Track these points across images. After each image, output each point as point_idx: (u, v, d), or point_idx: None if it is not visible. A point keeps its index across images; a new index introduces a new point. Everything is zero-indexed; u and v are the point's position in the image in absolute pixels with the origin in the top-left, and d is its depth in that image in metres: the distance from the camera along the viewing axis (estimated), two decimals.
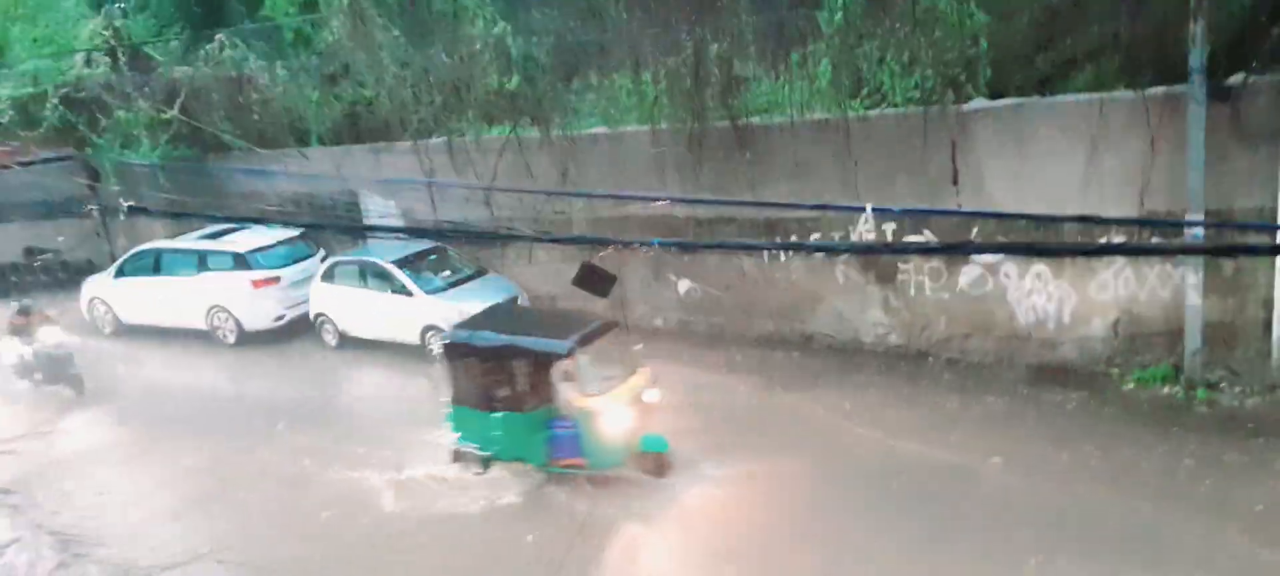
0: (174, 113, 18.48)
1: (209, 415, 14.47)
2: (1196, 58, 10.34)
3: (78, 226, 22.48)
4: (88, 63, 19.53)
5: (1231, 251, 11.09)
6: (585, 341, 10.67)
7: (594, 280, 10.45)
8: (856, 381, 12.81)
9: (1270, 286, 11.03)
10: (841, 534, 9.40)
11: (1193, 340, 11.28)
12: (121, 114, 18.85)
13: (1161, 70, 11.04)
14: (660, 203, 13.83)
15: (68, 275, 21.99)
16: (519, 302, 15.70)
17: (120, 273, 18.21)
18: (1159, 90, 10.93)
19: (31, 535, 11.32)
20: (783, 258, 14.14)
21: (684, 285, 15.24)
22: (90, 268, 20.77)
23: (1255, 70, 10.52)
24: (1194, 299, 11.15)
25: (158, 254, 17.90)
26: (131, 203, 13.92)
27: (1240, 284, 11.24)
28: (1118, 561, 8.47)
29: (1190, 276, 11.12)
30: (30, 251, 23.64)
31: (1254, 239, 10.92)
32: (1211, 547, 8.54)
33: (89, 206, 20.93)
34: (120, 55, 19.17)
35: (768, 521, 9.80)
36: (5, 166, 20.88)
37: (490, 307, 12.92)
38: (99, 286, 18.65)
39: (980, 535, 9.06)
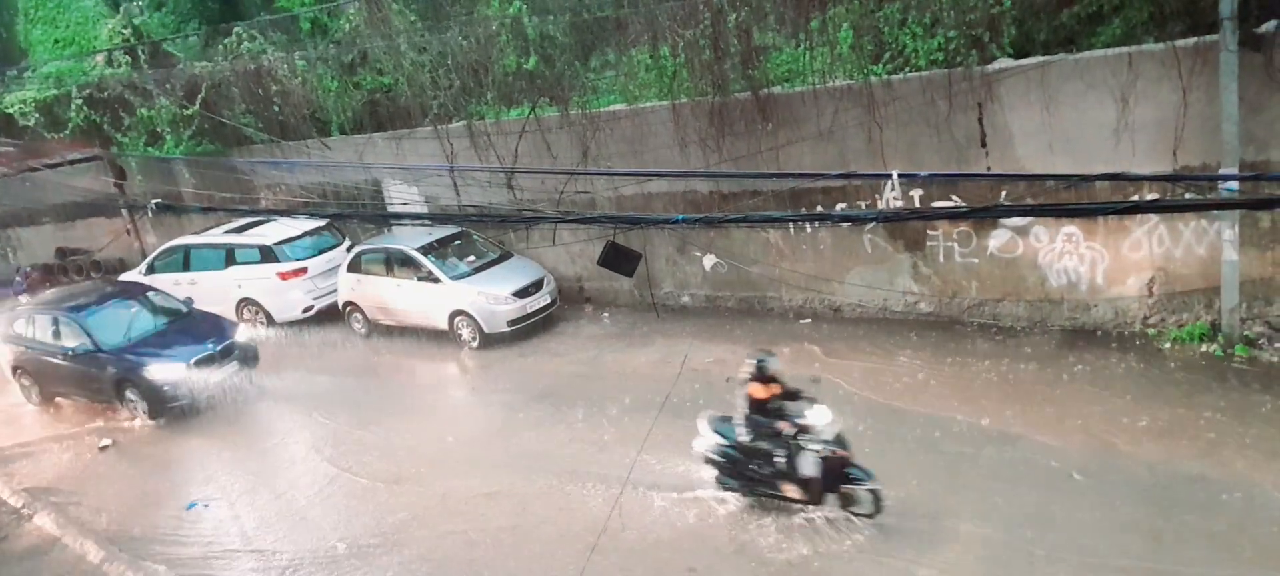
0: (195, 108, 18.62)
1: None
2: (1227, 5, 10.07)
3: (108, 225, 22.80)
4: (109, 62, 19.73)
5: (1268, 204, 10.79)
6: None
7: (619, 259, 10.46)
8: (887, 351, 12.69)
9: None
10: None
11: (1230, 296, 11.07)
12: (144, 111, 19.04)
13: (1191, 20, 10.78)
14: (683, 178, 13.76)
15: (100, 274, 22.34)
16: (544, 285, 15.72)
17: (151, 270, 18.42)
18: (1189, 41, 10.65)
19: None
20: (809, 229, 14.02)
21: (710, 260, 15.18)
22: (122, 266, 21.05)
23: None
24: (1230, 254, 10.93)
25: (187, 249, 18.09)
26: (159, 200, 14.10)
27: (1278, 237, 10.99)
28: (1164, 517, 8.38)
29: (1226, 231, 10.89)
30: (62, 252, 24.03)
31: None
32: (1253, 500, 8.45)
33: (118, 205, 21.22)
34: (140, 53, 19.33)
35: None
36: (34, 169, 21.19)
37: None
38: None
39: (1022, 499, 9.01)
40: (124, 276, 19.25)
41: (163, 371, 14.09)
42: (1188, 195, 11.23)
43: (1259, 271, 11.13)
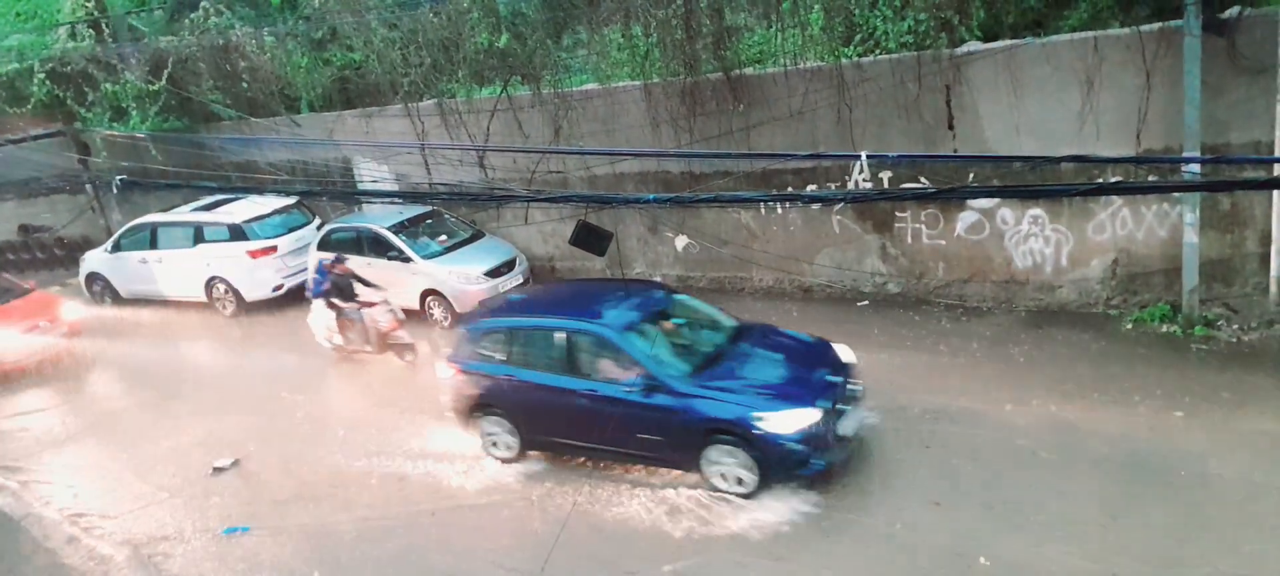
0: (161, 84, 18.35)
1: None
2: None
3: (72, 202, 22.46)
4: (72, 35, 19.37)
5: (1228, 186, 11.04)
6: None
7: (590, 238, 10.47)
8: (856, 330, 12.80)
9: (1268, 221, 10.99)
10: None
11: (1190, 277, 11.29)
12: (109, 86, 18.73)
13: (1156, 4, 10.94)
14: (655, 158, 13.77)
15: (64, 251, 22.04)
16: (517, 265, 15.69)
17: (117, 247, 18.19)
18: (1153, 26, 10.81)
19: None
20: (779, 209, 14.11)
21: (682, 241, 15.23)
22: (86, 243, 20.73)
23: (1250, 2, 10.42)
24: (1191, 236, 11.13)
25: (154, 227, 17.86)
26: (123, 176, 13.88)
27: (1237, 219, 11.22)
28: (1122, 492, 8.58)
29: (1187, 214, 11.09)
30: (25, 228, 23.65)
31: (1250, 173, 10.93)
32: (1206, 475, 8.68)
33: (82, 181, 20.91)
34: (105, 27, 18.99)
35: None
36: None
37: None
38: (96, 261, 18.63)
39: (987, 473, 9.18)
40: (88, 254, 19.00)
41: (787, 419, 9.01)
42: (1150, 178, 11.41)
43: (1218, 253, 11.35)
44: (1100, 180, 11.28)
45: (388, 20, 16.53)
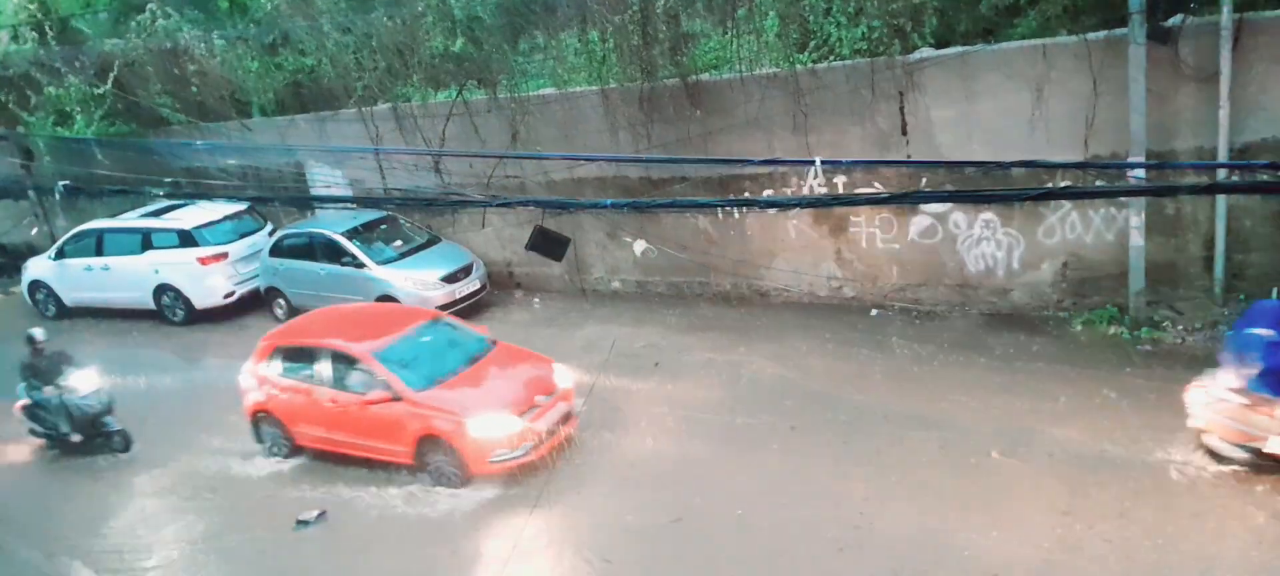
0: (107, 87, 17.94)
1: None
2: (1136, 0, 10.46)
3: (15, 208, 21.86)
4: (14, 38, 18.89)
5: (1172, 191, 11.31)
6: None
7: (547, 244, 10.42)
8: (811, 335, 12.89)
9: (1211, 225, 11.26)
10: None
11: (1136, 280, 11.52)
12: (52, 90, 18.27)
13: (1103, 14, 11.16)
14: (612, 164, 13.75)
15: (6, 259, 21.45)
16: (474, 270, 15.56)
17: (61, 254, 17.74)
18: (1100, 34, 11.04)
19: None
20: (736, 214, 14.15)
21: (640, 246, 15.21)
22: (30, 251, 20.20)
23: (1193, 11, 10.66)
24: (1137, 240, 11.36)
25: (100, 233, 17.45)
26: (66, 182, 13.51)
27: (1182, 224, 11.48)
28: (1072, 492, 8.72)
29: (1133, 218, 11.31)
30: None
31: (1194, 178, 11.22)
32: (1151, 473, 8.84)
33: (25, 187, 20.35)
34: (48, 29, 18.54)
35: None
36: None
37: None
38: (39, 269, 18.16)
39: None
40: (30, 261, 18.50)
41: None
42: (1098, 183, 11.63)
43: (1164, 256, 11.61)
44: (1050, 185, 11.45)
45: (341, 24, 16.31)
